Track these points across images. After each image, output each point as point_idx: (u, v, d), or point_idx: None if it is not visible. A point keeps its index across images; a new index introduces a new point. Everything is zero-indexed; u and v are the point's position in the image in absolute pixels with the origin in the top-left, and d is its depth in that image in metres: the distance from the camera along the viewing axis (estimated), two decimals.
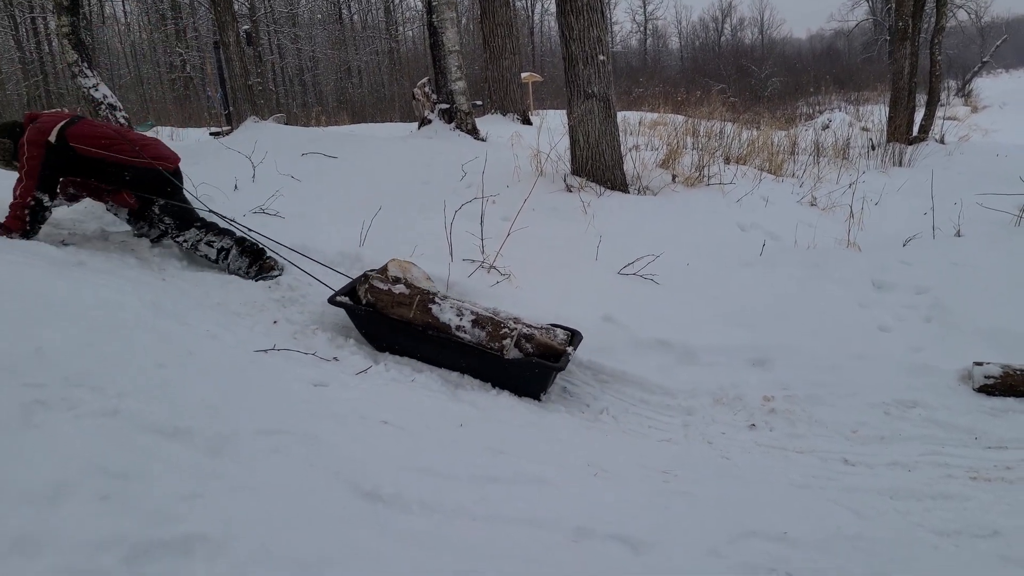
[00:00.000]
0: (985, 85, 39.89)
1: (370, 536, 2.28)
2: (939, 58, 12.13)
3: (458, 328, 4.15)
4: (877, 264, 5.74)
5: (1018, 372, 4.14)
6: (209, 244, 4.99)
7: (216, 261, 5.00)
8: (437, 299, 4.24)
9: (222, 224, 5.16)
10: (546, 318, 4.49)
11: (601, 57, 6.82)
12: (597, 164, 6.97)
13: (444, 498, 2.57)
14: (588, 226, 6.12)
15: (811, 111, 20.99)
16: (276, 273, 5.00)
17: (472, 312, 4.19)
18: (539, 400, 4.14)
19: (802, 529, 2.86)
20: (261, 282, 4.89)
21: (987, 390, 4.16)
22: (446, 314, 4.18)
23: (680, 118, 12.28)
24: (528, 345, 4.17)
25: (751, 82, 31.30)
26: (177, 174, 5.05)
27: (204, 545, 2.01)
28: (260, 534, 2.13)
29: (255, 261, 5.00)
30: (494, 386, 4.19)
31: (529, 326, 4.24)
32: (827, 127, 16.36)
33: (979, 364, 4.23)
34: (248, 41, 15.17)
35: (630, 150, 8.20)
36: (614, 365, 4.46)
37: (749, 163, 9.23)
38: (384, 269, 4.42)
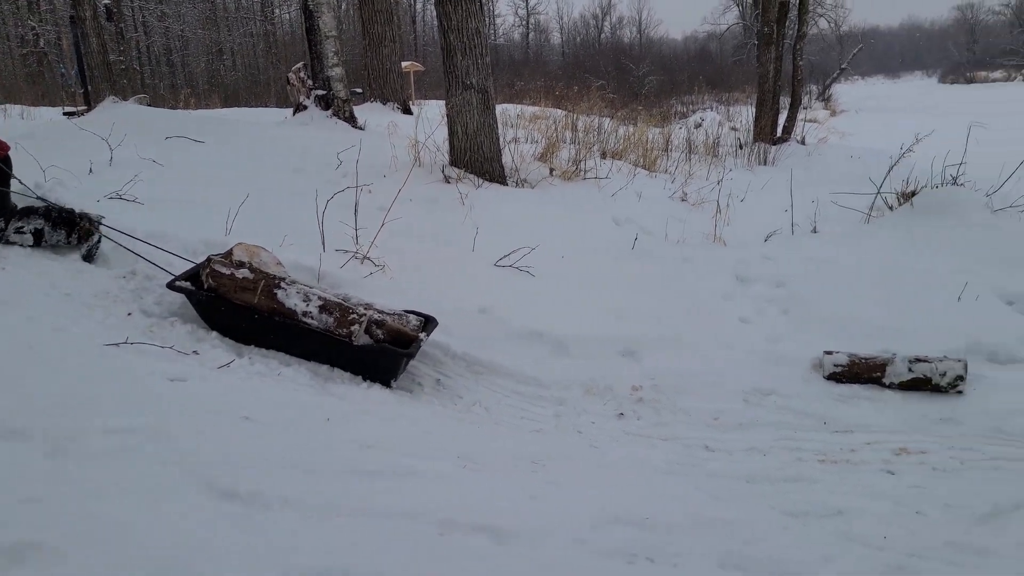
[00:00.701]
0: (844, 91, 42.51)
1: (228, 536, 2.19)
2: (801, 63, 12.80)
3: (305, 314, 4.05)
4: (741, 258, 6.00)
5: (863, 360, 4.41)
6: (19, 231, 4.58)
7: (37, 245, 4.61)
8: (283, 284, 4.11)
9: (28, 202, 4.77)
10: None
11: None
12: (475, 155, 6.97)
13: (308, 494, 2.50)
14: (465, 217, 6.11)
15: (685, 110, 21.75)
16: (96, 239, 4.68)
17: (320, 298, 4.09)
18: (390, 387, 4.11)
19: (664, 514, 2.94)
20: (115, 271, 4.58)
21: (836, 377, 4.42)
22: (292, 299, 4.06)
23: (560, 112, 12.45)
24: (379, 331, 4.13)
25: (629, 80, 32.15)
26: (7, 161, 4.69)
27: (38, 553, 1.87)
28: (107, 539, 2.00)
29: (72, 230, 4.65)
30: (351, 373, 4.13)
31: (381, 312, 4.19)
32: (699, 125, 16.96)
33: (829, 353, 4.48)
34: (108, 16, 14.31)
35: (509, 143, 8.24)
36: (489, 357, 4.47)
37: (625, 158, 9.46)
38: (229, 253, 4.25)
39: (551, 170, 7.63)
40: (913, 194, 7.25)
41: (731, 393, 4.30)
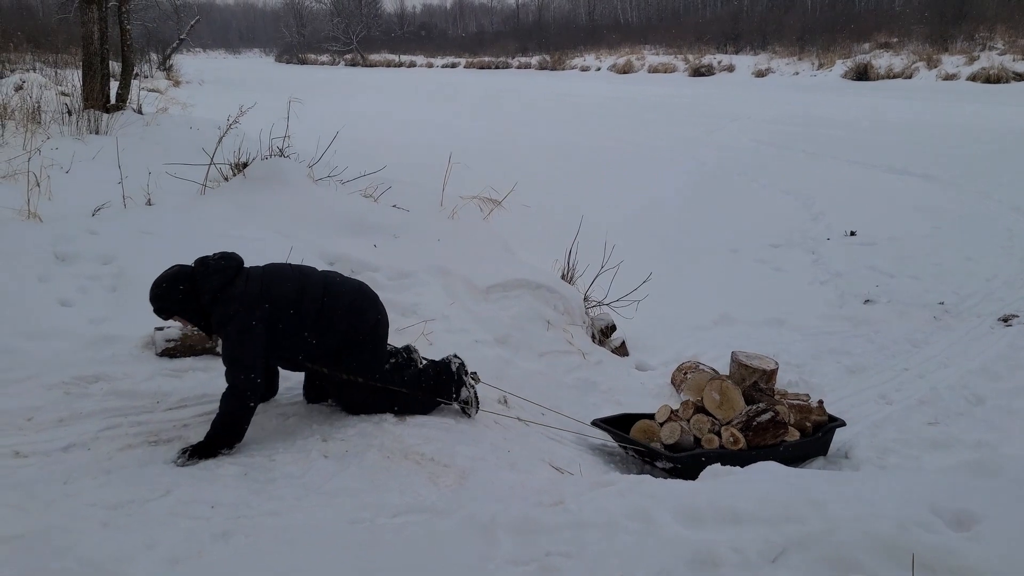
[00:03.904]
0: (186, 62, 42.22)
1: None
2: (128, 27, 12.13)
3: None
4: (61, 235, 5.39)
5: (196, 331, 4.36)
6: None
7: None
8: None
9: None
10: None
11: None
12: None
13: None
14: None
15: (2, 68, 18.85)
16: None
17: None
18: None
19: None
20: None
21: (169, 353, 4.29)
22: None
23: None
24: None
25: None
26: None
27: None
28: None
29: None
30: None
31: None
32: (20, 88, 14.91)
33: (159, 329, 4.32)
34: None
35: None
36: None
37: None
38: None
39: None
40: (245, 165, 7.48)
41: (49, 387, 3.81)
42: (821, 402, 4.97)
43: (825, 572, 2.28)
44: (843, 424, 4.86)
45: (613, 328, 6.55)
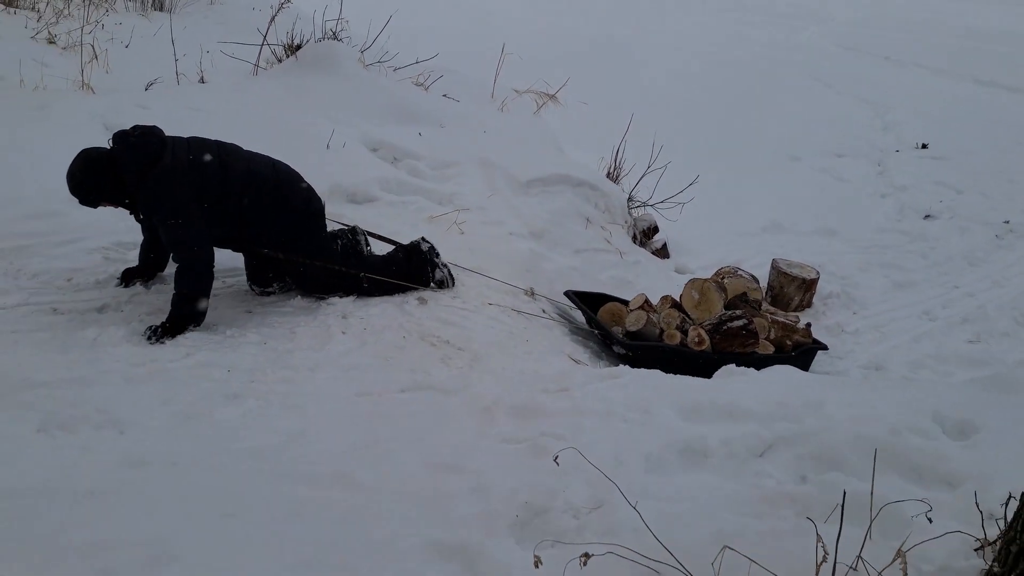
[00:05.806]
0: None
1: None
2: None
3: None
4: (112, 107, 5.49)
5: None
6: None
7: None
8: None
9: None
10: None
11: None
12: None
13: None
14: None
15: None
16: None
17: None
18: None
19: None
20: None
21: None
22: None
23: None
24: None
25: None
26: None
27: None
28: None
29: None
30: None
31: None
32: None
33: None
34: None
35: None
36: None
37: None
38: None
39: None
40: (299, 47, 7.44)
41: (89, 251, 3.96)
42: (808, 325, 4.81)
43: (807, 468, 2.28)
44: (824, 348, 4.72)
45: (656, 230, 6.45)
